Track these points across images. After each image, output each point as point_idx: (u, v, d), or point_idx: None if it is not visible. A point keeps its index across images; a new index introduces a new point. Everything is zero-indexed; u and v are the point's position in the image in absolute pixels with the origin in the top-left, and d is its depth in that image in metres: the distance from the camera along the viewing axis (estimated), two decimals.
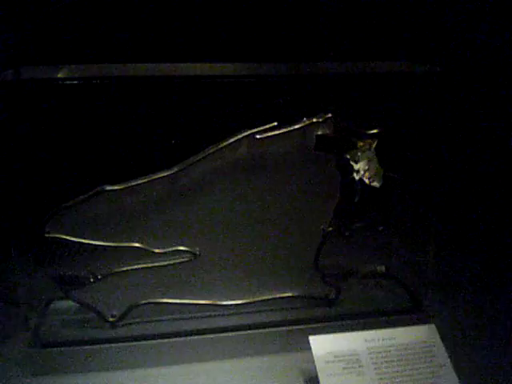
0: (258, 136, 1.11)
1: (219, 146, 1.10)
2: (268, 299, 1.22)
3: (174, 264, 1.16)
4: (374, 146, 1.15)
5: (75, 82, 1.03)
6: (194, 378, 1.12)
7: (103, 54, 1.33)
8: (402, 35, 1.50)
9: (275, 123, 1.11)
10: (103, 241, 1.12)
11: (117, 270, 1.15)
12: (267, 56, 1.37)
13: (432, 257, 1.26)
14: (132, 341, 1.14)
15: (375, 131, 1.15)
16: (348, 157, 1.15)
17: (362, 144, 1.15)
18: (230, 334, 1.17)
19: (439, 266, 1.31)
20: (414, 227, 1.28)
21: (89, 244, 1.11)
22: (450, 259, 1.56)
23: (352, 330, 1.12)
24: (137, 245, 1.13)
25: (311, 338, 1.08)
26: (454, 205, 1.51)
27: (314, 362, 1.05)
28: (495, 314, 1.36)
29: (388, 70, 1.24)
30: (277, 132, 1.11)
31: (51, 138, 1.10)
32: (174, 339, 1.15)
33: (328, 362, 1.05)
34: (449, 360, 1.07)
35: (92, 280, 1.14)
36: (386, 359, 1.07)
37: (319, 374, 1.03)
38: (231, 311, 1.21)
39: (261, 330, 1.18)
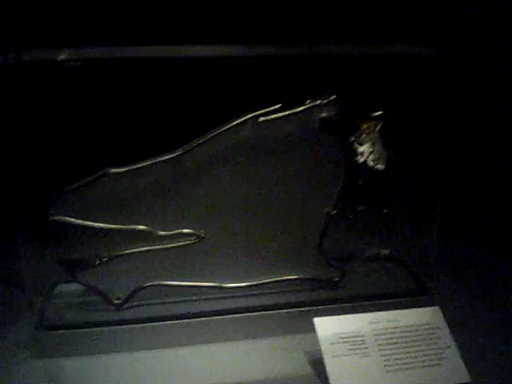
0: (261, 118, 1.11)
1: (223, 129, 1.10)
2: (272, 281, 1.22)
3: (178, 246, 1.16)
4: (378, 128, 1.15)
5: (78, 63, 1.03)
6: (199, 359, 1.12)
7: (105, 37, 1.33)
8: (406, 16, 1.49)
9: (279, 105, 1.11)
10: (108, 223, 1.12)
11: (122, 252, 1.15)
12: (272, 38, 1.36)
13: (436, 239, 1.26)
14: (137, 323, 1.15)
15: (379, 113, 1.15)
16: (352, 139, 1.15)
17: (366, 126, 1.14)
18: (235, 316, 1.18)
19: (443, 248, 1.31)
20: (418, 210, 1.28)
21: (94, 226, 1.11)
22: (455, 242, 1.56)
23: (356, 312, 1.11)
24: (142, 227, 1.13)
25: (316, 320, 1.08)
26: (460, 187, 1.51)
27: (318, 343, 1.05)
28: (500, 295, 1.36)
29: (392, 51, 1.23)
30: (280, 114, 1.11)
31: (54, 120, 1.10)
32: (179, 321, 1.16)
33: (333, 343, 1.06)
34: (453, 342, 1.08)
35: (97, 262, 1.15)
36: (390, 341, 1.07)
37: (324, 356, 1.04)
38: (236, 293, 1.21)
39: (265, 312, 1.19)
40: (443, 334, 1.09)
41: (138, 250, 1.15)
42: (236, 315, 1.17)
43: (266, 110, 1.11)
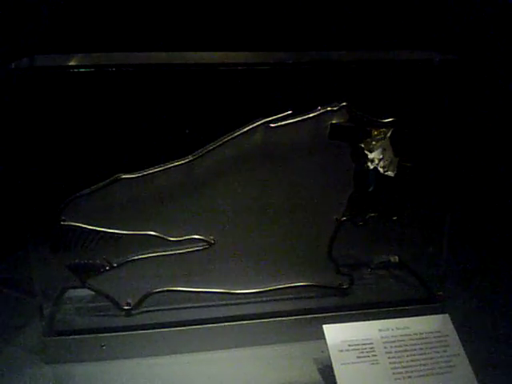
0: (272, 124, 1.11)
1: (234, 135, 1.10)
2: (282, 288, 1.22)
3: (188, 252, 1.16)
4: (388, 134, 1.15)
5: (91, 69, 1.03)
6: (208, 366, 1.12)
7: (119, 43, 1.33)
8: (419, 23, 1.49)
9: (290, 111, 1.11)
10: (119, 229, 1.12)
11: (132, 258, 1.15)
12: (283, 44, 1.36)
13: (446, 247, 1.25)
14: (147, 329, 1.14)
15: (390, 120, 1.15)
16: (362, 146, 1.15)
17: (376, 133, 1.15)
18: (244, 322, 1.17)
19: (453, 255, 1.31)
20: (428, 217, 1.28)
21: (104, 232, 1.12)
22: (464, 249, 1.56)
23: (365, 319, 1.11)
24: (152, 233, 1.13)
25: (325, 327, 1.08)
26: (469, 195, 1.50)
27: (327, 350, 1.05)
28: (509, 303, 1.36)
29: (404, 58, 1.23)
30: (291, 120, 1.11)
31: (66, 125, 1.10)
32: (188, 327, 1.15)
33: (342, 350, 1.05)
34: (463, 350, 1.07)
35: (107, 268, 1.15)
36: (399, 348, 1.07)
37: (333, 363, 1.03)
38: (245, 300, 1.21)
39: (274, 319, 1.18)
40: (452, 342, 1.08)
41: (148, 255, 1.15)
42: (245, 322, 1.17)
43: (277, 116, 1.11)
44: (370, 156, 1.15)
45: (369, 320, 1.11)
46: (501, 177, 1.67)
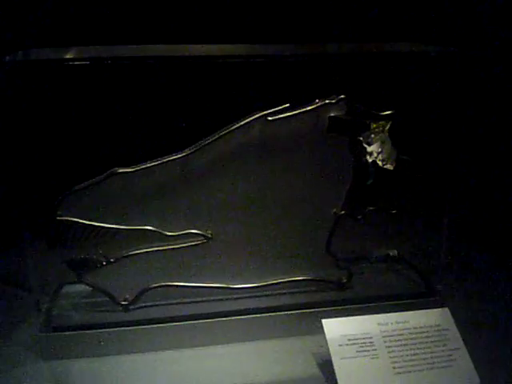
0: (270, 118, 1.10)
1: (231, 128, 1.10)
2: (280, 282, 1.22)
3: (186, 247, 1.15)
4: (387, 128, 1.14)
5: (87, 62, 1.02)
6: (206, 361, 1.12)
7: (114, 36, 1.32)
8: (417, 15, 1.49)
9: (288, 105, 1.10)
10: (115, 224, 1.12)
11: (129, 253, 1.15)
12: (280, 37, 1.36)
13: (445, 240, 1.25)
14: (144, 324, 1.13)
15: (389, 113, 1.14)
16: (361, 139, 1.14)
17: (375, 126, 1.14)
18: (243, 317, 1.17)
19: (452, 249, 1.31)
20: (427, 210, 1.28)
21: (101, 227, 1.11)
22: (463, 242, 1.55)
23: (365, 313, 1.11)
24: (149, 228, 1.13)
25: (324, 322, 1.08)
26: (468, 188, 1.50)
27: (327, 345, 1.05)
28: (509, 296, 1.36)
29: (403, 50, 1.23)
30: (289, 114, 1.11)
31: (62, 119, 1.10)
32: (186, 322, 1.14)
33: (341, 345, 1.05)
34: (463, 344, 1.07)
35: (104, 263, 1.14)
36: (399, 342, 1.07)
37: (332, 357, 1.03)
38: (243, 294, 1.21)
39: (273, 314, 1.18)
40: (452, 336, 1.08)
41: (146, 250, 1.15)
42: (244, 316, 1.17)
43: (275, 109, 1.10)
44: (369, 149, 1.15)
45: (368, 314, 1.11)
46: (500, 170, 1.66)
